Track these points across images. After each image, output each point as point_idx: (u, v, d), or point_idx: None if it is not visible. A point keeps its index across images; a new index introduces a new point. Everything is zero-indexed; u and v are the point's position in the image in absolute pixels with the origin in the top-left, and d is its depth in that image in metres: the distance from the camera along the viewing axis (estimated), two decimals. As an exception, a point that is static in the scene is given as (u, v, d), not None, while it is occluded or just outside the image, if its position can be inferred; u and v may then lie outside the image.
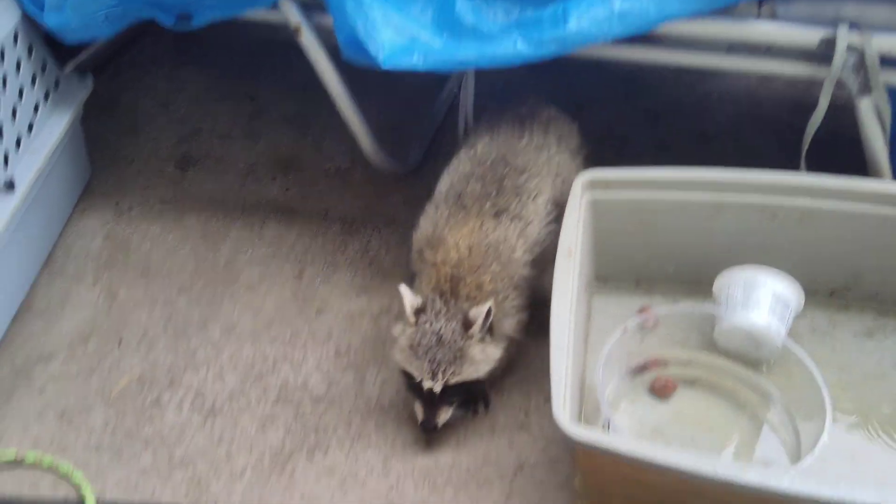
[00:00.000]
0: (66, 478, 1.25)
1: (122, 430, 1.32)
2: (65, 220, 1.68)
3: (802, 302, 1.37)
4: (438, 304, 1.25)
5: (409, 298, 1.25)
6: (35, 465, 1.27)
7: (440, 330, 1.22)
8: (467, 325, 1.23)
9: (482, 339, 1.24)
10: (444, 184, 1.42)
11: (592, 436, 1.01)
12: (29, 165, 1.48)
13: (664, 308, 1.33)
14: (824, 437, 1.12)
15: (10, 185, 1.41)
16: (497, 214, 1.34)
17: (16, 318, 1.50)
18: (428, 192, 1.74)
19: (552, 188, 1.40)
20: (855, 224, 1.35)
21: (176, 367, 1.42)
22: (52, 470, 1.26)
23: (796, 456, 1.21)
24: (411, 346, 1.23)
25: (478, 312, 1.22)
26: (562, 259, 1.25)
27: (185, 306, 1.52)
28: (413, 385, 1.25)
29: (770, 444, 1.25)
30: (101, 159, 1.83)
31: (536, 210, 1.36)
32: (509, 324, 1.31)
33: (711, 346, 1.35)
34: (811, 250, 1.39)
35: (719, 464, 0.98)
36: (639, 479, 1.07)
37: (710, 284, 1.40)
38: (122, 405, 1.36)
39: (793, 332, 1.38)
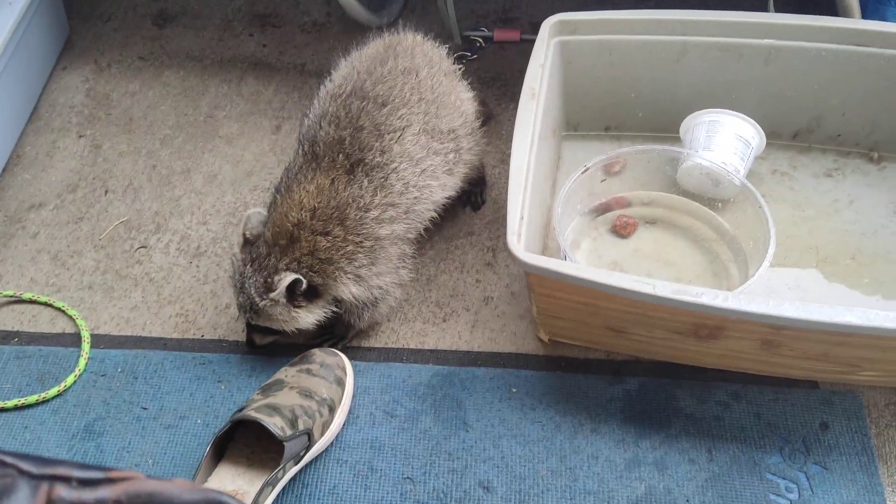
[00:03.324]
0: (61, 311, 1.34)
1: (112, 271, 1.40)
2: (47, 76, 1.72)
3: (764, 143, 1.41)
4: (262, 250, 1.17)
5: (247, 225, 1.19)
6: (32, 302, 1.36)
7: (245, 276, 1.17)
8: (267, 287, 1.15)
9: (291, 303, 1.17)
10: (304, 125, 1.27)
11: (540, 260, 1.08)
12: (7, 17, 1.50)
13: (629, 148, 1.37)
14: (765, 264, 1.19)
15: (-14, 37, 1.44)
16: (351, 168, 1.18)
17: (6, 170, 1.56)
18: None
19: (424, 116, 1.23)
20: (820, 64, 1.37)
21: (161, 213, 1.49)
22: (48, 306, 1.35)
23: (744, 285, 1.28)
24: (232, 272, 1.21)
25: (278, 280, 1.14)
26: (525, 100, 1.28)
27: (168, 157, 1.58)
28: None
29: (722, 276, 1.32)
30: (78, 17, 1.85)
31: (403, 150, 1.20)
32: (362, 287, 1.20)
33: (674, 187, 1.40)
34: (776, 92, 1.42)
35: (658, 283, 1.04)
36: (587, 305, 1.15)
37: (678, 131, 1.44)
38: (112, 249, 1.44)
39: (754, 174, 1.43)
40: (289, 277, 1.13)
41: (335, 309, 1.22)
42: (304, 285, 1.15)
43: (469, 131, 1.32)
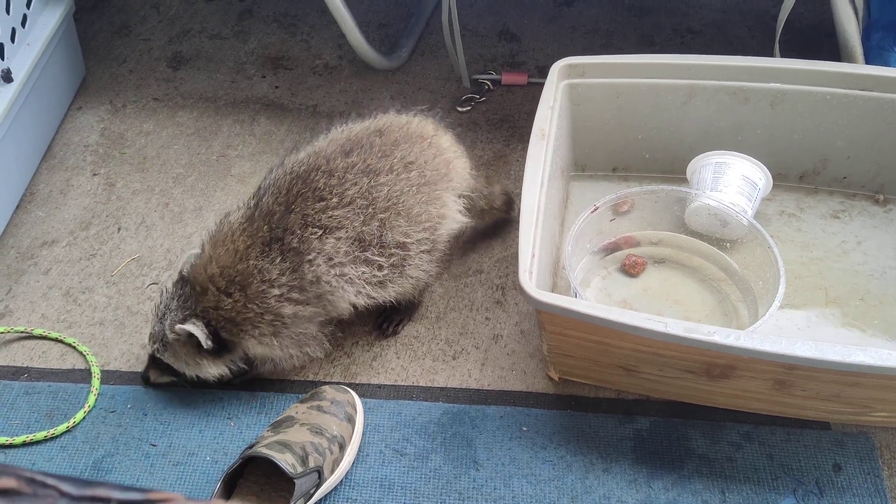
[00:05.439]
0: (72, 347, 1.35)
1: (123, 307, 1.41)
2: (62, 116, 1.74)
3: (770, 185, 1.42)
4: (187, 290, 1.18)
5: (185, 265, 1.21)
6: (43, 338, 1.36)
7: (165, 309, 1.19)
8: (181, 321, 1.17)
9: (193, 349, 1.18)
10: (266, 179, 1.25)
11: (552, 298, 1.08)
12: (25, 57, 1.53)
13: (637, 188, 1.39)
14: (776, 304, 1.19)
15: (7, 76, 1.46)
16: (269, 242, 1.16)
17: (19, 207, 1.57)
18: (415, 89, 1.79)
19: (362, 225, 1.18)
20: (825, 108, 1.39)
21: (173, 250, 1.49)
22: (58, 342, 1.35)
23: (754, 325, 1.28)
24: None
25: (181, 329, 1.15)
26: (535, 140, 1.30)
27: (181, 195, 1.59)
28: None
29: (731, 316, 1.32)
30: (94, 58, 1.89)
31: (322, 248, 1.16)
32: (268, 348, 1.20)
33: (682, 227, 1.41)
34: (782, 135, 1.44)
35: (670, 322, 1.05)
36: (598, 343, 1.15)
37: (685, 172, 1.46)
38: (123, 285, 1.44)
39: (761, 215, 1.44)
40: (196, 327, 1.14)
41: (243, 366, 1.23)
42: (209, 342, 1.15)
43: (428, 248, 1.25)
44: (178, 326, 1.16)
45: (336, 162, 1.21)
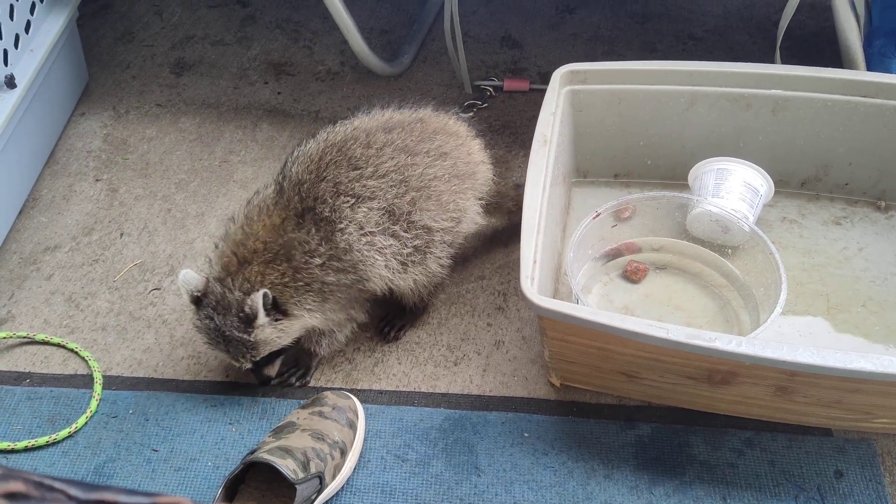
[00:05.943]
0: (73, 352, 1.35)
1: (125, 313, 1.41)
2: (65, 121, 1.75)
3: (772, 191, 1.42)
4: (216, 290, 1.15)
5: (187, 286, 1.17)
6: (45, 343, 1.36)
7: (220, 327, 1.15)
8: (247, 319, 1.14)
9: (272, 322, 1.16)
10: (292, 154, 1.27)
11: (553, 304, 1.08)
12: (28, 63, 1.53)
13: (638, 194, 1.39)
14: (777, 310, 1.19)
15: (10, 82, 1.47)
16: (302, 213, 1.18)
17: (22, 212, 1.58)
18: (418, 95, 1.80)
19: (394, 198, 1.20)
20: (827, 114, 1.39)
21: (175, 256, 1.50)
22: (60, 347, 1.36)
23: (756, 331, 1.28)
24: (205, 337, 1.19)
25: (253, 305, 1.13)
26: (537, 146, 1.30)
27: (183, 201, 1.60)
28: None
29: (733, 322, 1.32)
30: (97, 65, 1.90)
31: (353, 217, 1.18)
32: (317, 317, 1.21)
33: (684, 233, 1.41)
34: (783, 141, 1.44)
35: (671, 328, 1.05)
36: (600, 349, 1.15)
37: (686, 178, 1.46)
38: (126, 291, 1.45)
39: (763, 221, 1.45)
40: (258, 295, 1.12)
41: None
42: (271, 297, 1.15)
43: (449, 240, 1.29)
44: (248, 306, 1.13)
45: (376, 136, 1.24)
